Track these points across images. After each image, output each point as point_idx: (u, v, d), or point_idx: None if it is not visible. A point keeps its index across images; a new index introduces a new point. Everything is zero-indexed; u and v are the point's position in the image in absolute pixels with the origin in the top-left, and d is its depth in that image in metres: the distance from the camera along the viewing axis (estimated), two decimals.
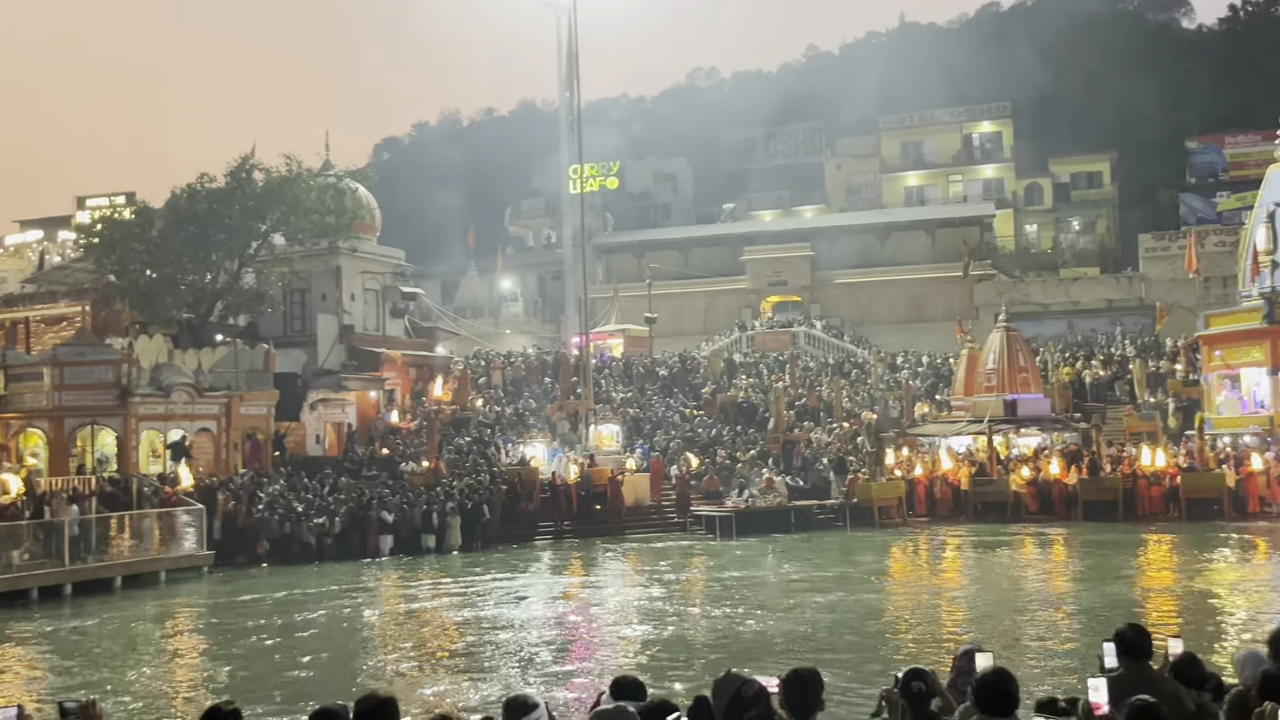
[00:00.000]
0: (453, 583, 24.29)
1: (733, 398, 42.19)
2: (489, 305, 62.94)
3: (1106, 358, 43.28)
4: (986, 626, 16.90)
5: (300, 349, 39.17)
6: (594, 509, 32.99)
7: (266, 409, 34.51)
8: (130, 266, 37.23)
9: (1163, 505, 30.87)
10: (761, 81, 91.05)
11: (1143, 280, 54.01)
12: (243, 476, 31.51)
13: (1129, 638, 5.83)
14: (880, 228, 61.05)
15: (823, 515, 32.54)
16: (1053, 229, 67.53)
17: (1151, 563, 24.52)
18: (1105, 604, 18.25)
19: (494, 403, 41.33)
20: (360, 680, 14.56)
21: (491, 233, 69.85)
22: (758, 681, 5.25)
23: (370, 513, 29.68)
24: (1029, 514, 31.77)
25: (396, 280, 43.56)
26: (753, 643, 16.25)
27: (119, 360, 31.32)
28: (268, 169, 37.58)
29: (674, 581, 23.37)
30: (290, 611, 20.82)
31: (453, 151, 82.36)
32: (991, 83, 67.64)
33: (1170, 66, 69.09)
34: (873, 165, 70.59)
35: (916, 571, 25.15)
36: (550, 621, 19.15)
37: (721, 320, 57.95)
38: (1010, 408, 35.65)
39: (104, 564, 24.92)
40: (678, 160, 75.55)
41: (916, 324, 54.44)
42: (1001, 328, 37.51)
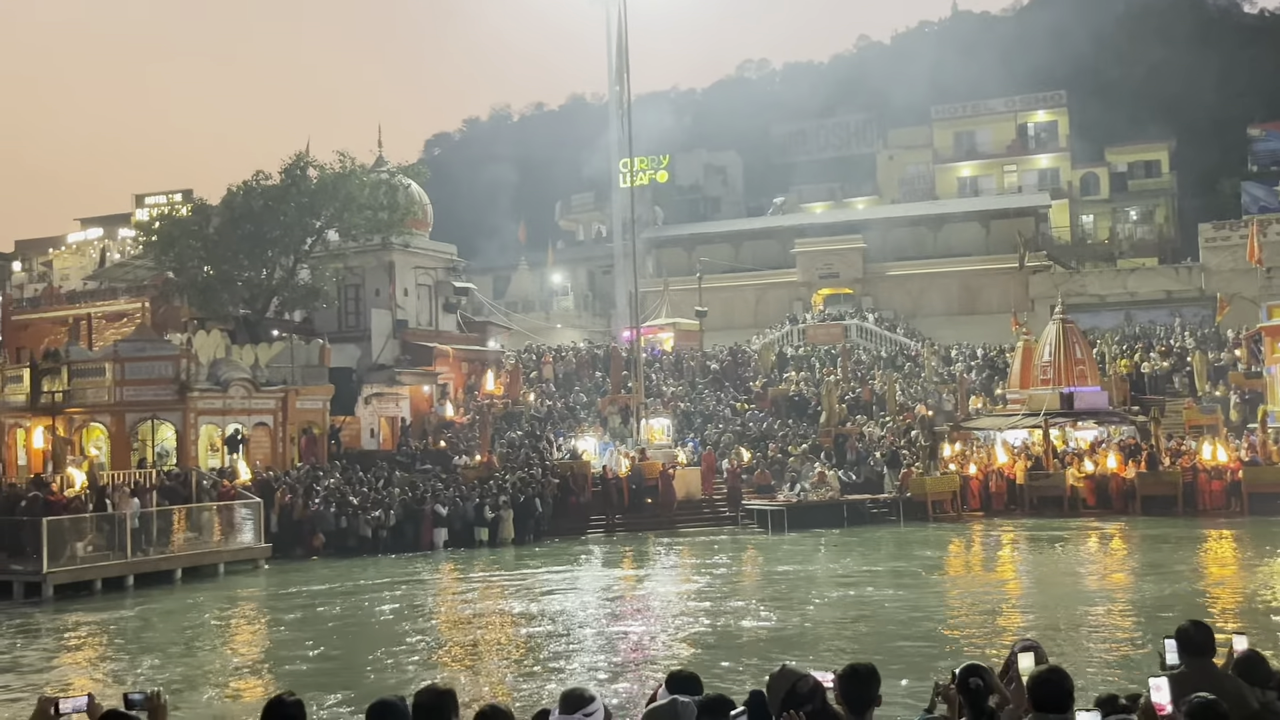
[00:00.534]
0: (506, 575, 24.45)
1: (784, 391, 42.01)
2: (540, 299, 63.18)
3: (1165, 349, 42.55)
4: (1043, 622, 16.71)
5: (354, 344, 39.58)
6: (645, 503, 33.03)
7: (322, 403, 34.90)
8: (188, 263, 37.77)
9: (1224, 500, 30.33)
10: (812, 72, 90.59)
11: (1203, 270, 53.01)
12: (299, 470, 31.91)
13: (1191, 634, 5.74)
14: (933, 219, 60.45)
15: (875, 510, 32.32)
16: (1109, 219, 66.50)
17: (1212, 558, 24.10)
18: (1165, 600, 17.98)
19: (545, 397, 41.50)
20: (415, 672, 14.70)
21: (542, 227, 70.11)
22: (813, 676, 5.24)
23: (424, 506, 29.94)
24: (1086, 508, 31.35)
25: (448, 275, 43.87)
26: (806, 637, 16.20)
27: (178, 356, 31.83)
28: (321, 166, 37.97)
29: (726, 576, 23.35)
30: (346, 604, 21.07)
31: (503, 146, 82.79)
32: (1046, 71, 66.76)
33: (1231, 52, 67.85)
34: (925, 156, 69.91)
35: (971, 567, 24.93)
36: (603, 615, 19.22)
37: (772, 313, 57.70)
38: (1066, 400, 35.16)
39: (164, 556, 25.35)
40: (728, 153, 75.34)
41: (970, 316, 53.86)
42: (1057, 319, 37.01)
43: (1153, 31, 69.98)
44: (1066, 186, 66.11)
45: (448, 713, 4.68)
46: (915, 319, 55.14)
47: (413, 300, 41.93)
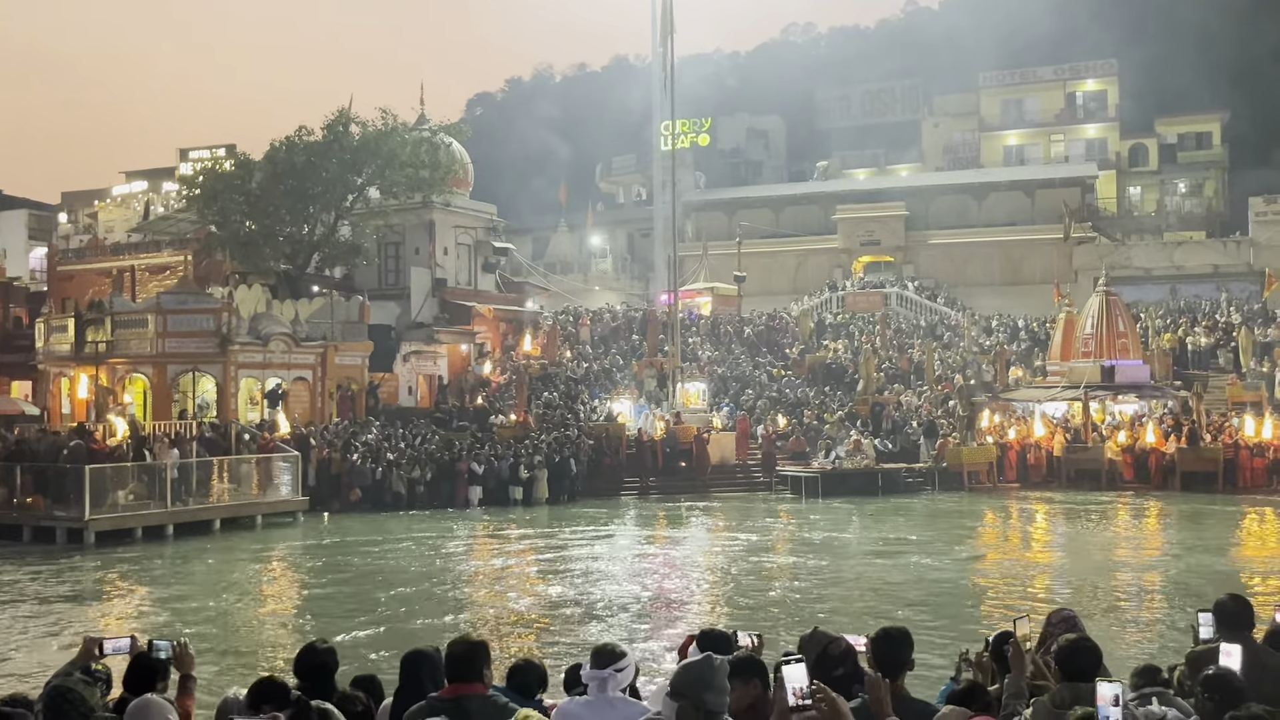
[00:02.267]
0: (539, 534, 24.61)
1: (821, 358, 41.84)
2: (579, 261, 63.16)
3: (1210, 324, 41.96)
4: (1079, 594, 16.61)
5: (394, 301, 39.79)
6: (679, 466, 33.09)
7: (361, 359, 35.16)
8: (231, 217, 38.02)
9: (1266, 477, 29.96)
10: (858, 36, 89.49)
11: (1251, 245, 52.10)
12: (337, 425, 32.20)
13: (1229, 608, 5.67)
14: (978, 187, 59.73)
15: (911, 479, 32.20)
16: (1157, 191, 65.43)
17: (1253, 535, 23.84)
18: (1201, 576, 17.81)
19: (582, 358, 41.57)
20: (450, 623, 14.84)
21: (583, 189, 69.93)
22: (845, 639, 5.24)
23: (460, 464, 30.14)
24: (1124, 482, 31.09)
25: (488, 235, 43.94)
26: (838, 602, 16.20)
27: (219, 309, 32.14)
28: (364, 122, 37.98)
29: (758, 540, 23.37)
30: (381, 557, 21.30)
31: (545, 107, 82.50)
32: (1098, 39, 65.49)
33: None
34: (971, 124, 68.97)
35: (1006, 537, 24.79)
36: (636, 574, 19.31)
37: (812, 280, 57.36)
38: (1108, 374, 34.77)
39: (204, 506, 25.73)
40: (771, 117, 74.68)
41: (1012, 286, 53.28)
42: (1101, 292, 36.54)
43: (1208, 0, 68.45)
44: (1114, 157, 65.06)
45: (480, 664, 4.72)
46: (956, 288, 54.62)
47: (452, 259, 42.04)
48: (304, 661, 5.30)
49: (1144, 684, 5.23)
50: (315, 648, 5.37)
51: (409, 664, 5.32)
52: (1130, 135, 65.97)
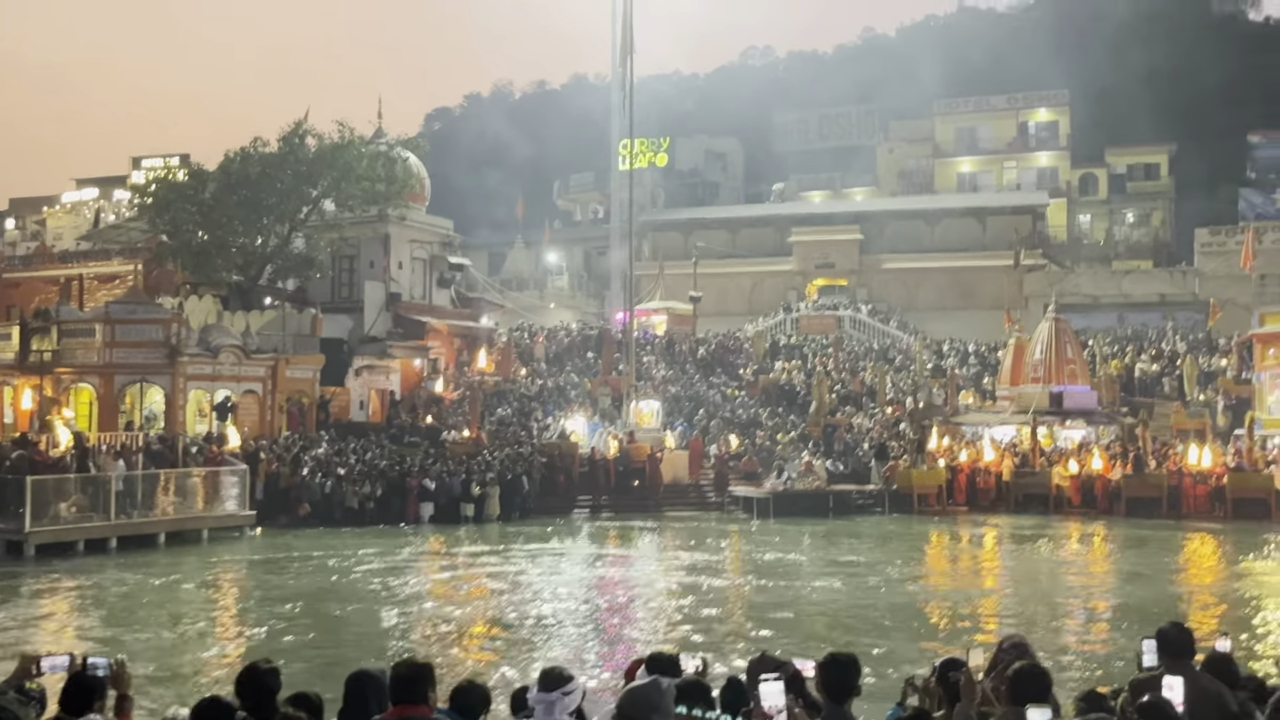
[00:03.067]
0: (489, 552, 24.45)
1: (775, 379, 42.03)
2: (535, 278, 63.04)
3: (1156, 352, 42.64)
4: (1026, 619, 16.76)
5: (347, 315, 39.48)
6: (632, 485, 33.06)
7: (312, 373, 34.83)
8: (183, 227, 37.61)
9: (1208, 504, 30.42)
10: (816, 62, 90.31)
11: (1197, 275, 53.08)
12: (287, 439, 31.86)
13: (1171, 636, 5.75)
14: (931, 213, 60.39)
15: (861, 501, 32.38)
16: (1106, 220, 66.53)
17: (1195, 562, 24.20)
18: (1146, 602, 18.04)
19: (536, 375, 41.47)
20: (394, 644, 14.69)
21: (540, 206, 69.89)
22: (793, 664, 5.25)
23: (411, 480, 29.92)
24: (1071, 507, 31.44)
25: (444, 250, 43.76)
26: (788, 625, 16.22)
27: (169, 319, 31.72)
28: (320, 135, 37.80)
29: (709, 561, 23.38)
30: (327, 574, 21.06)
31: (504, 123, 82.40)
32: (1049, 70, 66.60)
33: (1234, 58, 67.74)
34: (926, 150, 69.80)
35: (954, 561, 24.99)
36: (584, 595, 19.24)
37: (767, 301, 57.63)
38: (1056, 399, 35.22)
39: (148, 520, 25.32)
40: (728, 139, 75.12)
41: (964, 311, 53.85)
42: (1050, 318, 37.04)
43: (1157, 34, 69.84)
44: (1065, 186, 66.10)
45: (425, 685, 4.67)
46: (909, 312, 55.14)
47: (407, 273, 41.81)
48: (245, 682, 5.22)
49: (1088, 710, 5.28)
50: (257, 668, 5.29)
51: (354, 684, 5.25)
52: (1080, 165, 67.08)
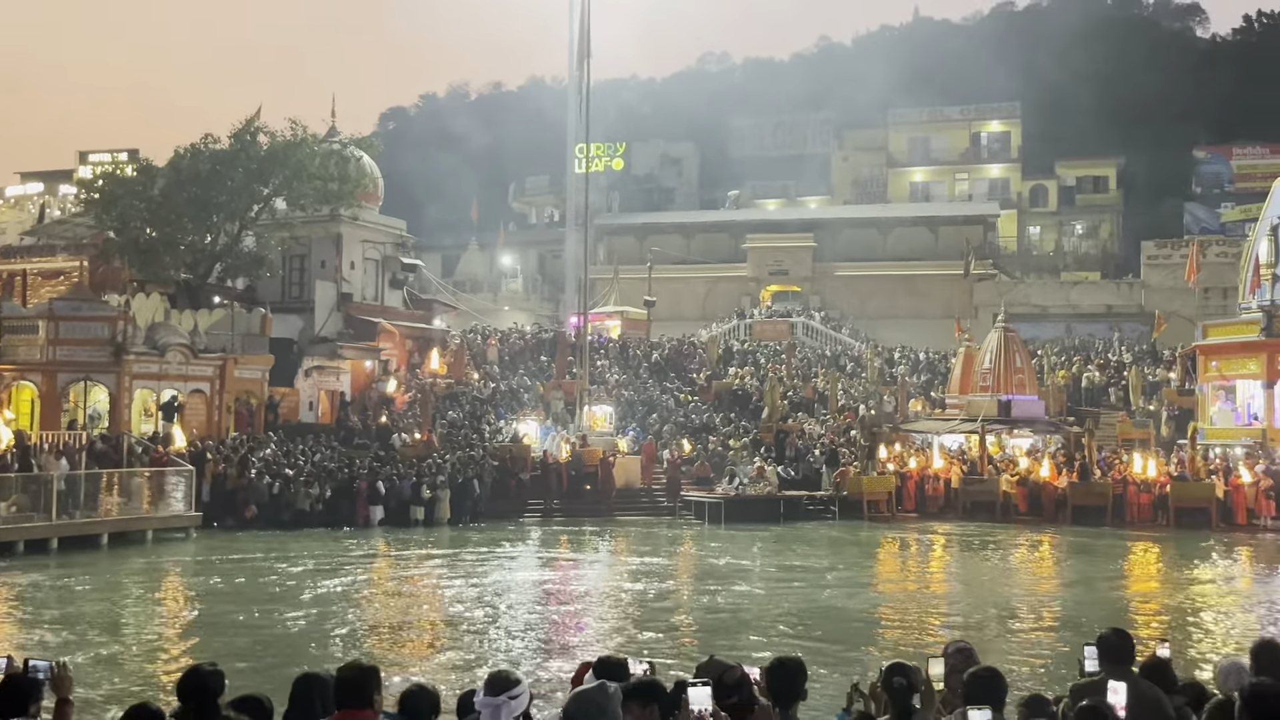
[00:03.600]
0: (438, 555, 24.32)
1: (728, 385, 42.17)
2: (489, 280, 62.82)
3: (1103, 363, 43.29)
4: (973, 624, 16.92)
5: (297, 315, 39.10)
6: (584, 489, 33.01)
7: (261, 373, 34.47)
8: (130, 224, 37.08)
9: (1151, 513, 30.91)
10: (773, 69, 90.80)
11: (1143, 287, 54.00)
12: (234, 440, 31.49)
13: (1112, 642, 5.82)
14: (884, 222, 60.96)
15: (812, 507, 32.56)
16: (1056, 232, 67.48)
17: (1137, 569, 24.56)
18: (1089, 608, 18.28)
19: (489, 378, 41.31)
20: (339, 648, 14.56)
21: (495, 208, 69.67)
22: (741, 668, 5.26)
23: (360, 482, 29.67)
24: (1018, 515, 31.80)
25: (397, 251, 43.48)
26: (735, 630, 16.27)
27: (115, 317, 31.24)
28: (272, 132, 37.43)
29: (661, 566, 23.40)
30: (274, 577, 20.84)
31: (459, 124, 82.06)
32: (1002, 82, 67.48)
33: (1182, 74, 69.01)
34: (880, 159, 70.43)
35: (902, 567, 25.19)
36: (534, 598, 19.18)
37: (721, 307, 57.86)
38: (1004, 408, 35.62)
39: (91, 520, 24.92)
40: (684, 144, 75.35)
41: (915, 320, 54.39)
42: (1000, 328, 37.46)
43: (1107, 50, 70.99)
44: (1016, 197, 66.97)
45: (370, 689, 4.63)
46: (861, 320, 55.58)
47: (359, 274, 41.49)
48: (187, 683, 5.15)
49: (1030, 714, 5.33)
50: (200, 669, 5.22)
51: (300, 688, 5.19)
52: (1031, 176, 68.01)
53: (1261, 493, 30.38)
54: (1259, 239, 36.55)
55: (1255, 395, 35.62)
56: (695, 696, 3.96)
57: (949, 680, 5.71)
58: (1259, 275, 35.80)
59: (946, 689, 5.53)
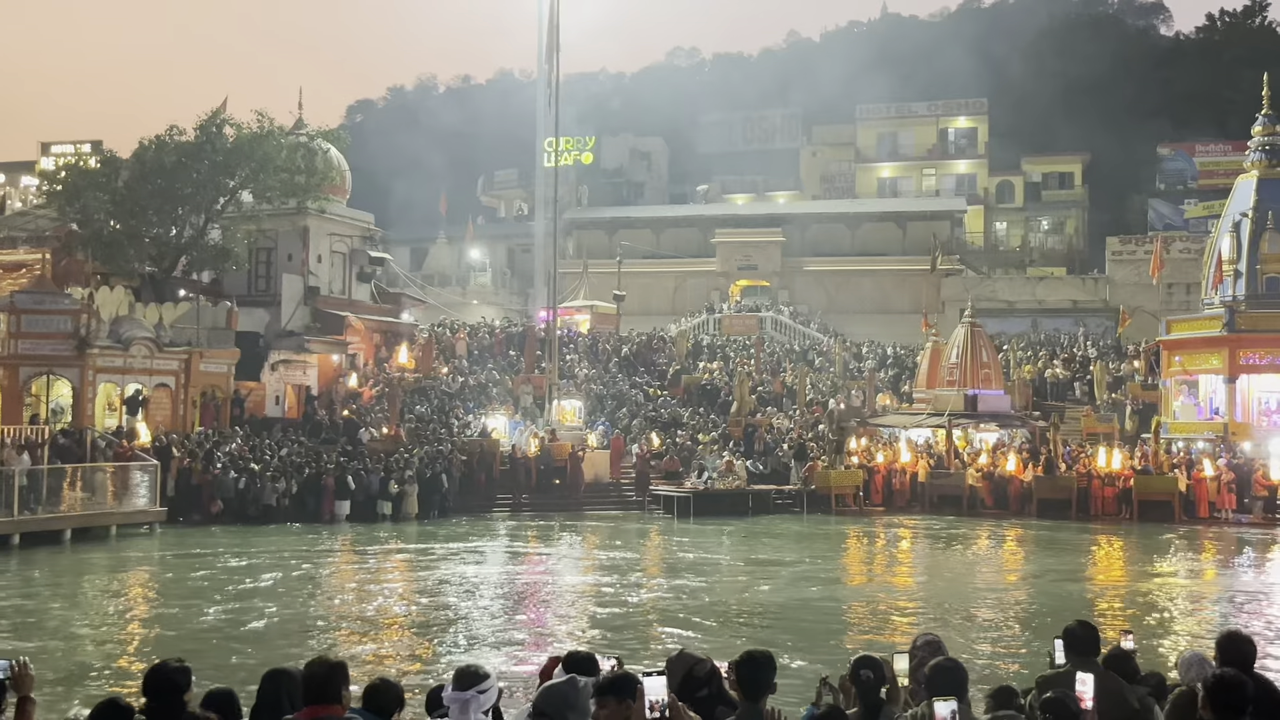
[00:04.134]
0: (406, 551, 24.24)
1: (697, 380, 42.23)
2: (457, 274, 62.57)
3: (1068, 358, 43.66)
4: (941, 617, 17.04)
5: (263, 309, 38.78)
6: (553, 484, 32.97)
7: (227, 367, 34.20)
8: (94, 216, 36.65)
9: (1116, 506, 31.22)
10: (741, 64, 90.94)
11: (1108, 283, 54.49)
12: (200, 434, 31.24)
13: (1077, 634, 5.89)
14: (852, 217, 61.19)
15: (780, 500, 32.67)
16: (1022, 227, 67.95)
17: (1102, 562, 24.82)
18: (1054, 601, 18.46)
19: (457, 373, 41.16)
20: (307, 644, 14.48)
21: (463, 201, 69.39)
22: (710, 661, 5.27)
23: (327, 477, 29.50)
24: (984, 508, 32.05)
25: (364, 244, 43.19)
26: (703, 623, 16.31)
27: (78, 310, 30.89)
28: (239, 125, 37.08)
29: (630, 560, 23.42)
30: (240, 571, 20.70)
31: (428, 117, 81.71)
32: (969, 78, 67.88)
33: (1146, 72, 69.65)
34: (848, 154, 70.66)
35: (869, 561, 25.33)
36: (503, 594, 19.15)
37: (690, 301, 57.92)
38: (971, 403, 35.91)
39: (54, 515, 24.64)
40: (654, 139, 75.31)
41: (883, 315, 54.65)
42: (966, 323, 37.73)
43: (1073, 47, 71.54)
44: (983, 193, 67.37)
45: (338, 685, 4.61)
46: (829, 315, 55.80)
47: (326, 267, 41.20)
48: (153, 680, 5.11)
49: (998, 705, 5.38)
50: (166, 665, 5.18)
51: (269, 683, 5.17)
52: (998, 172, 68.42)
53: (1223, 486, 30.79)
54: (1221, 235, 36.98)
55: (1217, 390, 36.08)
56: (651, 687, 3.93)
57: (915, 673, 5.76)
58: (1221, 271, 36.23)
59: (912, 681, 5.57)
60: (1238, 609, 18.00)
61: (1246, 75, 56.54)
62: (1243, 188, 37.06)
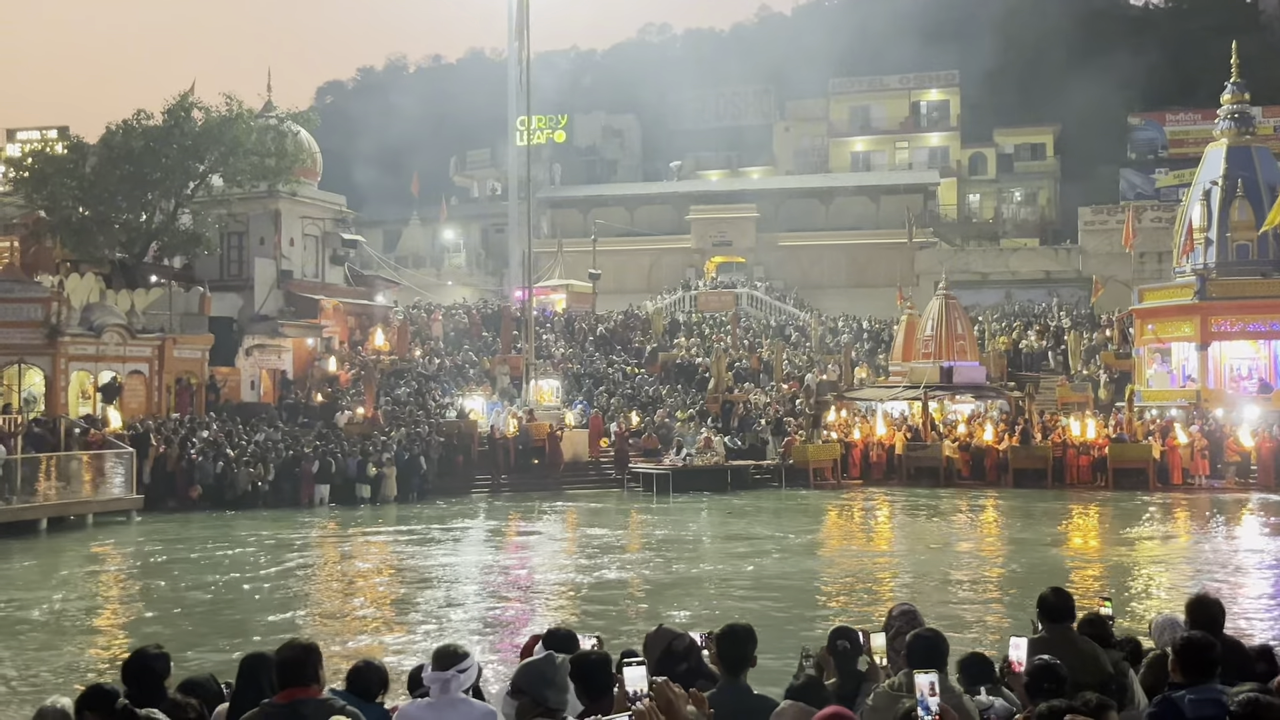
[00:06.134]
0: (385, 533, 24.22)
1: (674, 357, 42.27)
2: (431, 255, 62.33)
3: (1042, 328, 43.93)
4: (916, 589, 17.18)
5: (236, 293, 38.53)
6: (532, 464, 32.99)
7: (201, 353, 34.00)
8: (62, 202, 36.31)
9: (1091, 474, 31.47)
10: (713, 40, 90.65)
11: (1080, 253, 54.81)
12: (175, 420, 31.07)
13: (1050, 601, 5.96)
14: (826, 192, 61.29)
15: (759, 475, 32.80)
16: (995, 199, 68.20)
17: (1078, 530, 25.06)
18: (1033, 568, 18.63)
19: (434, 354, 41.05)
20: (284, 628, 14.47)
21: (436, 182, 69.01)
22: (689, 635, 5.31)
23: (304, 461, 29.41)
24: (961, 479, 32.26)
25: (337, 226, 42.93)
26: (683, 598, 16.38)
27: (49, 298, 30.61)
28: (207, 108, 36.74)
29: (610, 538, 23.47)
30: (219, 557, 20.63)
31: (398, 97, 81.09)
32: (941, 51, 67.89)
33: (1117, 42, 69.77)
34: (821, 129, 70.64)
35: (848, 533, 25.48)
36: (483, 573, 19.17)
37: (665, 279, 57.93)
38: (946, 374, 36.09)
39: (29, 505, 24.49)
40: (626, 116, 75.07)
41: (858, 289, 54.83)
42: (941, 295, 37.88)
43: (1044, 18, 71.66)
44: (955, 165, 67.54)
45: (313, 667, 4.61)
46: (805, 290, 55.95)
47: (298, 250, 40.94)
48: (133, 667, 5.11)
49: (968, 672, 5.44)
50: (146, 652, 5.19)
51: (247, 668, 5.17)
52: (970, 145, 68.59)
53: (1197, 453, 31.08)
54: (1192, 204, 37.21)
55: (1189, 357, 36.37)
56: (631, 677, 3.92)
57: (894, 642, 5.81)
58: (1192, 239, 36.47)
59: (890, 650, 5.62)
60: (1210, 573, 18.22)
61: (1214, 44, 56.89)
62: (1212, 156, 37.28)
